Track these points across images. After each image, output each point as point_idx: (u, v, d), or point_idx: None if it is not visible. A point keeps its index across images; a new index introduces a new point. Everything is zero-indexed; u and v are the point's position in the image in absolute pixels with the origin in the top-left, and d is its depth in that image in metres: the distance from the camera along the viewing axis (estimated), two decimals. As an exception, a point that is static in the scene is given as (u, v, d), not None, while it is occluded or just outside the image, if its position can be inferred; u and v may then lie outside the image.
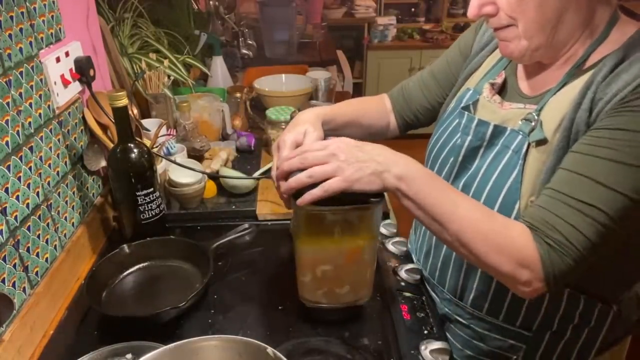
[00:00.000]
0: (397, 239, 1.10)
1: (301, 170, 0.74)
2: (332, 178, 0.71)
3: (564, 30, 0.74)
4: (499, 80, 0.88)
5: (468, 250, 0.71)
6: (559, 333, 0.84)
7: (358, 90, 4.09)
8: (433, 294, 0.99)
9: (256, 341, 0.68)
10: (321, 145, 0.75)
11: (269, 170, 1.40)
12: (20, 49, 0.88)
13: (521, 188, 0.76)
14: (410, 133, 1.13)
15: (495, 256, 0.69)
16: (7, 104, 0.83)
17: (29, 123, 0.90)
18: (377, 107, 1.09)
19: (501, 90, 0.88)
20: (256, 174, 1.36)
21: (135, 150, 1.02)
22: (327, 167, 0.71)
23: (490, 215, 0.72)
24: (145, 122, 1.32)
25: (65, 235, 1.02)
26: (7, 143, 0.83)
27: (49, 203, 0.96)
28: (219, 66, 1.99)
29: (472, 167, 0.84)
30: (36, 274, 0.90)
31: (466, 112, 0.88)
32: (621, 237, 0.68)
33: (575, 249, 0.66)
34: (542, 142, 0.75)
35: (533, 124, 0.76)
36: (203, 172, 1.23)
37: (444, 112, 0.98)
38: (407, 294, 0.96)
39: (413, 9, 4.31)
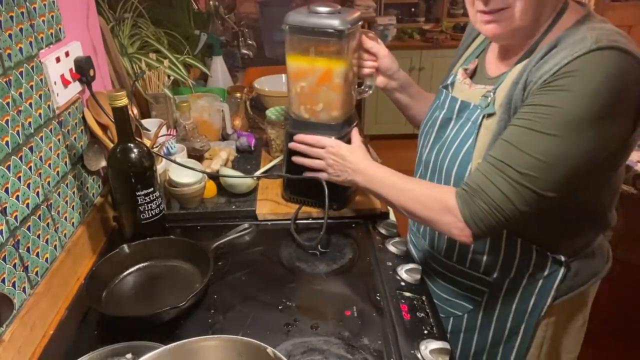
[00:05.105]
0: (397, 239, 1.11)
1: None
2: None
3: (544, 13, 0.85)
4: (472, 66, 1.04)
5: (409, 213, 0.95)
6: (516, 280, 0.98)
7: (358, 90, 4.09)
8: (422, 248, 1.15)
9: (256, 341, 0.68)
10: (324, 146, 1.09)
11: (270, 170, 1.41)
12: (20, 49, 0.88)
13: (474, 152, 0.92)
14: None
15: (426, 210, 0.91)
16: (7, 104, 0.83)
17: (29, 123, 0.90)
18: None
19: (473, 75, 1.04)
20: (256, 174, 1.36)
21: (135, 150, 1.02)
22: (320, 164, 1.10)
23: (427, 188, 0.94)
24: (145, 122, 1.32)
25: (65, 235, 1.02)
26: (7, 143, 0.83)
27: (49, 203, 0.96)
28: (219, 66, 1.99)
29: (444, 136, 1.00)
30: (36, 274, 0.90)
31: (444, 90, 1.05)
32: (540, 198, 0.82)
33: (485, 194, 0.83)
34: (491, 115, 0.90)
35: (489, 99, 0.91)
36: (203, 172, 1.23)
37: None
38: (407, 294, 0.96)
39: (413, 9, 4.31)
